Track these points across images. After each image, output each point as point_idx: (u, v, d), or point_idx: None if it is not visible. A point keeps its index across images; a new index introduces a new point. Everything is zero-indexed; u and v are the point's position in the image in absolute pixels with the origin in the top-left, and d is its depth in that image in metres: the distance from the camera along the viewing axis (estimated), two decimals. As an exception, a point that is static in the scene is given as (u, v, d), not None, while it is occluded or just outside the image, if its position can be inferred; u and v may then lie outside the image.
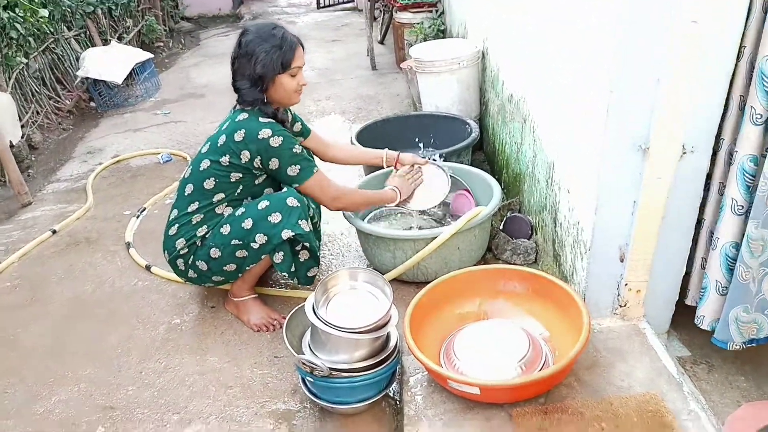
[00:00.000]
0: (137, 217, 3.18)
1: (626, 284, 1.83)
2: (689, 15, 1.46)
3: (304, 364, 1.73)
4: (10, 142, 3.74)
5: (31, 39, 4.44)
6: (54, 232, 3.11)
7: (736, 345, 1.77)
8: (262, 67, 2.03)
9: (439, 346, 1.85)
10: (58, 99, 4.95)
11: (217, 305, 2.41)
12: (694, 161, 1.68)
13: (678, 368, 1.70)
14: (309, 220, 2.13)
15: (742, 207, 1.63)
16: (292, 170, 2.08)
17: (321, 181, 2.16)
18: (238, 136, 2.05)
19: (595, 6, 1.66)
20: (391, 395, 1.91)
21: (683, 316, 1.92)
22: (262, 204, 2.06)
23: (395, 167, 2.54)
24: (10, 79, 4.19)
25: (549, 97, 2.18)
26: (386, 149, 2.55)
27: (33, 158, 4.15)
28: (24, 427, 1.92)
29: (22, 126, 4.16)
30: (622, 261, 1.82)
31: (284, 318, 1.98)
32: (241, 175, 2.10)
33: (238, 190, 2.13)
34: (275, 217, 2.04)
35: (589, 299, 1.89)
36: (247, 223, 2.05)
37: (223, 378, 2.04)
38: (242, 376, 2.04)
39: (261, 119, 2.07)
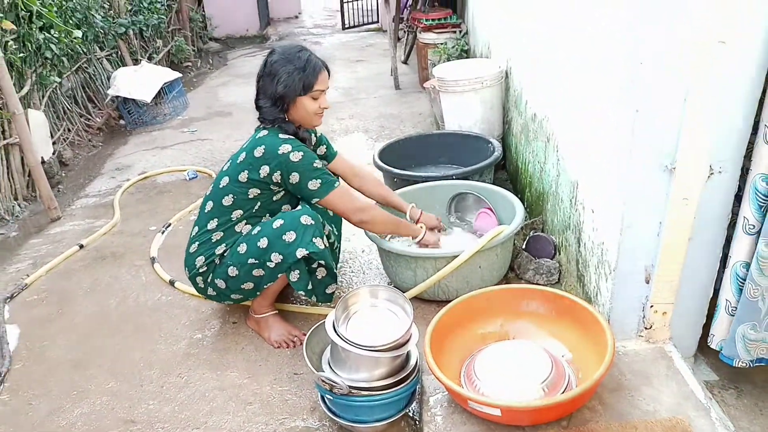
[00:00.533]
0: (162, 232, 3.23)
1: (652, 306, 1.80)
2: (717, 36, 1.45)
3: (323, 381, 1.72)
4: (42, 158, 3.84)
5: (64, 59, 4.56)
6: (81, 246, 3.16)
7: (743, 362, 1.76)
8: (283, 88, 2.07)
9: (459, 366, 1.83)
10: (89, 117, 5.08)
11: (238, 321, 2.42)
12: (722, 182, 1.65)
13: (706, 393, 1.65)
14: (323, 238, 2.12)
15: (754, 226, 1.61)
16: (313, 184, 2.10)
17: (343, 195, 2.16)
18: (258, 152, 2.08)
19: (619, 26, 1.65)
20: (411, 415, 1.89)
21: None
22: (277, 223, 2.07)
23: (416, 221, 2.48)
24: (43, 97, 4.31)
25: (573, 117, 2.17)
26: (413, 204, 2.49)
27: (63, 174, 4.24)
28: (47, 439, 1.94)
29: (54, 143, 4.27)
30: (647, 282, 1.79)
31: (304, 335, 1.99)
32: (258, 191, 2.12)
33: (256, 207, 2.15)
34: (290, 236, 2.04)
35: (614, 321, 1.86)
36: (263, 243, 2.06)
37: (243, 394, 2.04)
38: (262, 392, 2.04)
39: (281, 135, 2.11)
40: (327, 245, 2.15)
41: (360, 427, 1.78)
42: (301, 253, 2.04)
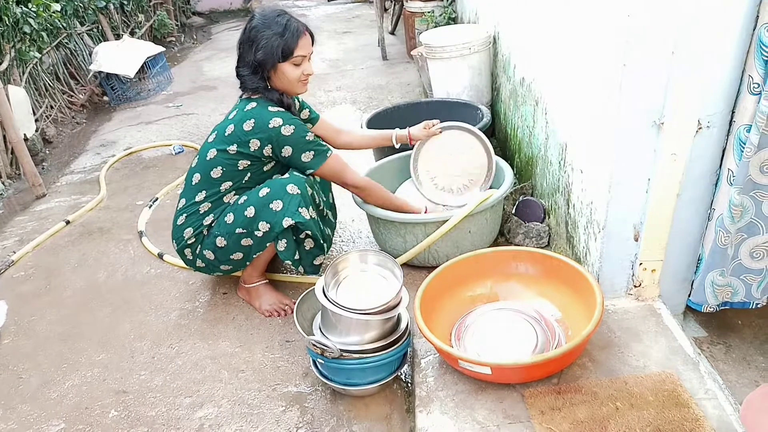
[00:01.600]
0: (150, 206, 3.20)
1: (641, 264, 1.80)
2: (704, -15, 1.42)
3: (314, 345, 1.72)
4: (24, 135, 3.77)
5: (44, 34, 4.46)
6: (67, 222, 3.13)
7: (710, 307, 1.81)
8: (262, 54, 2.01)
9: (450, 329, 1.83)
10: (72, 93, 4.99)
11: (228, 291, 2.41)
12: (710, 137, 1.64)
13: (694, 348, 1.67)
14: (310, 208, 2.09)
15: (736, 177, 1.60)
16: (306, 156, 2.07)
17: (336, 165, 2.15)
18: (248, 125, 2.03)
19: (606, -21, 1.62)
20: (403, 378, 1.89)
21: (699, 296, 1.89)
22: (263, 191, 2.04)
23: (410, 144, 2.54)
24: (24, 73, 4.22)
25: (561, 77, 2.15)
26: (396, 129, 2.53)
27: (47, 151, 4.18)
28: (39, 411, 1.93)
29: (36, 120, 4.20)
30: (636, 240, 1.79)
31: (295, 303, 1.98)
32: (249, 163, 2.09)
33: (246, 178, 2.12)
34: (276, 205, 2.02)
35: (603, 280, 1.86)
36: (250, 211, 2.04)
37: (235, 362, 2.04)
38: (254, 360, 2.04)
39: (270, 108, 2.05)
40: (314, 216, 2.12)
41: (352, 389, 1.79)
42: (287, 222, 2.02)
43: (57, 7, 4.47)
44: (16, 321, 2.40)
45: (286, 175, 2.11)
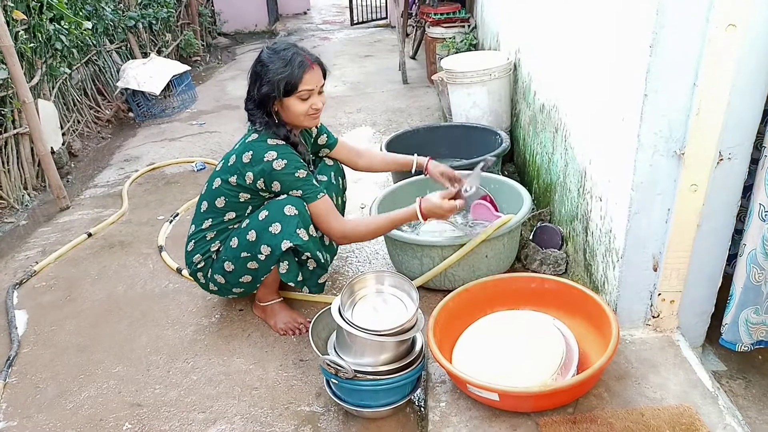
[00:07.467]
0: (170, 222, 3.24)
1: (659, 294, 1.79)
2: (726, 18, 1.43)
3: (328, 364, 1.72)
4: (51, 148, 3.86)
5: (74, 51, 4.58)
6: (90, 235, 3.18)
7: (745, 346, 1.77)
8: (266, 89, 1.99)
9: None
10: (99, 109, 5.10)
11: (244, 308, 2.43)
12: (732, 168, 1.64)
13: (713, 382, 1.64)
14: (310, 228, 2.07)
15: None
16: (294, 194, 2.04)
17: (322, 211, 2.06)
18: (246, 157, 2.03)
19: (628, 11, 1.64)
20: (416, 401, 1.88)
21: (719, 329, 1.86)
22: (262, 214, 2.05)
23: (425, 174, 2.52)
24: (53, 88, 4.33)
25: (581, 104, 2.16)
26: (416, 154, 2.53)
27: (72, 165, 4.27)
28: (54, 422, 1.95)
29: (63, 134, 4.30)
30: (655, 270, 1.78)
31: (310, 322, 1.98)
32: (249, 196, 2.09)
33: (248, 210, 2.13)
34: (275, 228, 2.02)
35: (621, 309, 1.85)
36: (251, 235, 2.05)
37: (249, 379, 2.05)
38: (267, 378, 2.05)
39: (270, 141, 2.03)
40: (312, 235, 2.09)
41: (365, 411, 1.78)
42: (285, 245, 2.01)
43: (88, 25, 4.59)
44: (36, 330, 2.43)
45: (284, 196, 2.07)
